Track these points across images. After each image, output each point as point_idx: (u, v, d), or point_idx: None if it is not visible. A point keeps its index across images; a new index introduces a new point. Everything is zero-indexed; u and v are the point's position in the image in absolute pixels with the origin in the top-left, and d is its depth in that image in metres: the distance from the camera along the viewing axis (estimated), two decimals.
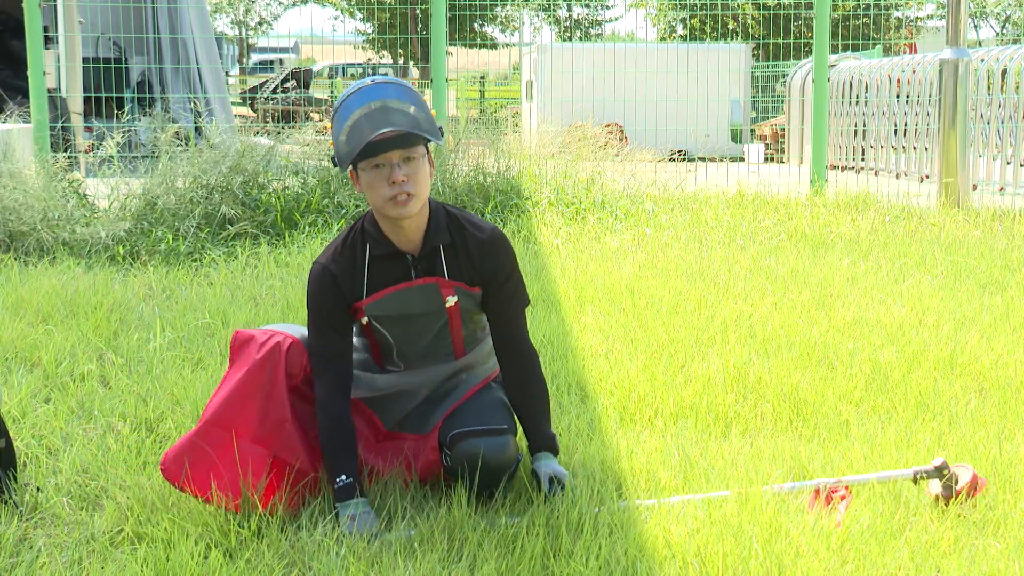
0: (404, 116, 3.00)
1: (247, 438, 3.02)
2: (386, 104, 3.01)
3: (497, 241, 3.19)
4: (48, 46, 10.42)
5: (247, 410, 3.03)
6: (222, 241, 7.07)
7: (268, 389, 3.05)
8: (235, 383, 3.05)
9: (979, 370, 4.37)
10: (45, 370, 4.38)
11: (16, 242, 6.80)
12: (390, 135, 2.98)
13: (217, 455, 2.98)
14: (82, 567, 2.78)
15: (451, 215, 3.19)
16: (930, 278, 6.12)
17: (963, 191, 9.24)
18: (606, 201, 8.57)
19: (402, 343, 3.22)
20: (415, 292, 3.15)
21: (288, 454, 3.06)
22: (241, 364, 3.08)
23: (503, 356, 3.22)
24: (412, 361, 3.24)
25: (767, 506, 2.97)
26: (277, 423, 3.05)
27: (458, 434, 3.09)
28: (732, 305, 5.42)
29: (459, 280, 3.16)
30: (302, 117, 17.16)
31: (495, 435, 3.07)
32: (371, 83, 3.05)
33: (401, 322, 3.18)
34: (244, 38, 47.89)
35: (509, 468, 3.08)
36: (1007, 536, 2.91)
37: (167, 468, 3.00)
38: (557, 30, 36.90)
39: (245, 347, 3.10)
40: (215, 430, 3.01)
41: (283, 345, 3.08)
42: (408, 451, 3.19)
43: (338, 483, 3.00)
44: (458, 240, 3.16)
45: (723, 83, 14.29)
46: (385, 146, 2.98)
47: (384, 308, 3.15)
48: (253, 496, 2.97)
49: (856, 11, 25.73)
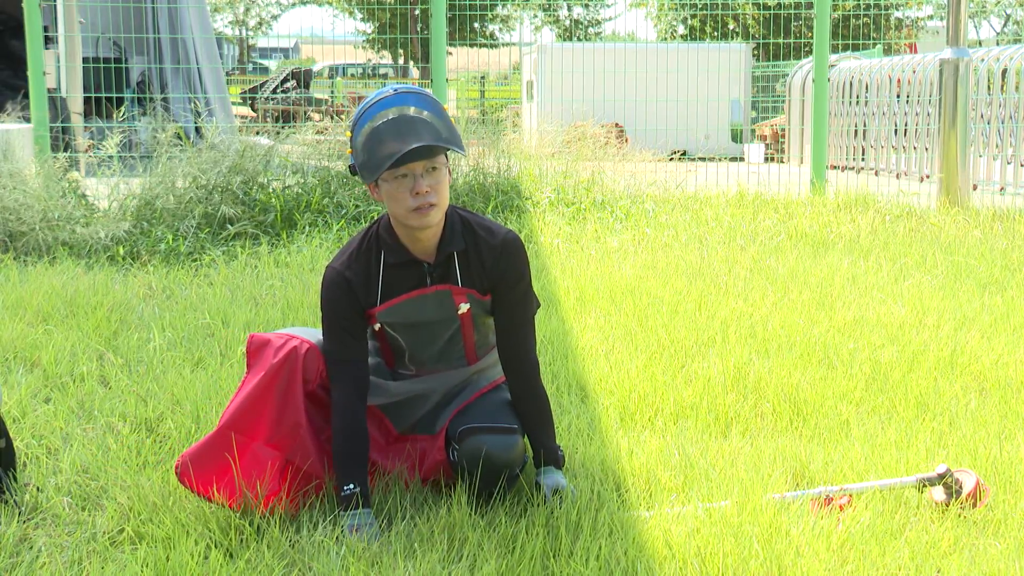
0: (426, 126, 2.97)
1: (261, 440, 3.03)
2: (407, 114, 2.97)
3: (509, 245, 3.15)
4: (48, 46, 10.43)
5: (263, 414, 3.04)
6: (222, 241, 7.07)
7: (284, 393, 3.05)
8: (252, 387, 3.05)
9: (979, 370, 4.37)
10: (45, 370, 4.38)
11: (16, 242, 6.80)
12: (415, 147, 2.94)
13: (233, 458, 2.99)
14: (82, 567, 2.78)
15: (465, 220, 3.17)
16: (930, 278, 6.12)
17: (963, 191, 9.24)
18: (606, 201, 8.57)
19: (414, 348, 3.21)
20: (428, 299, 3.14)
21: (302, 459, 3.06)
22: (258, 369, 3.07)
23: (508, 364, 3.20)
24: (424, 366, 3.24)
25: (767, 507, 2.97)
26: (292, 427, 3.05)
27: (467, 429, 3.08)
28: (732, 305, 5.42)
29: (471, 287, 3.14)
30: (302, 117, 17.15)
31: (504, 433, 3.07)
32: (393, 92, 3.02)
33: (413, 329, 3.17)
34: (244, 38, 47.88)
35: (515, 467, 3.07)
36: (1007, 536, 2.91)
37: (183, 472, 3.00)
38: (557, 30, 36.90)
39: (262, 351, 3.09)
40: (232, 433, 3.02)
41: (300, 350, 3.07)
42: (415, 451, 3.19)
43: (344, 491, 2.99)
44: (471, 246, 3.14)
45: (723, 83, 14.29)
46: (410, 157, 2.95)
47: (397, 315, 3.14)
48: (272, 500, 2.98)
49: (856, 11, 25.73)
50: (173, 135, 7.78)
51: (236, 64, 43.58)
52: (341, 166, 8.09)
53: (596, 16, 37.49)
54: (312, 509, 3.03)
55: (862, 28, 27.96)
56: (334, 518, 2.96)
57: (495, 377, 3.30)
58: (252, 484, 2.98)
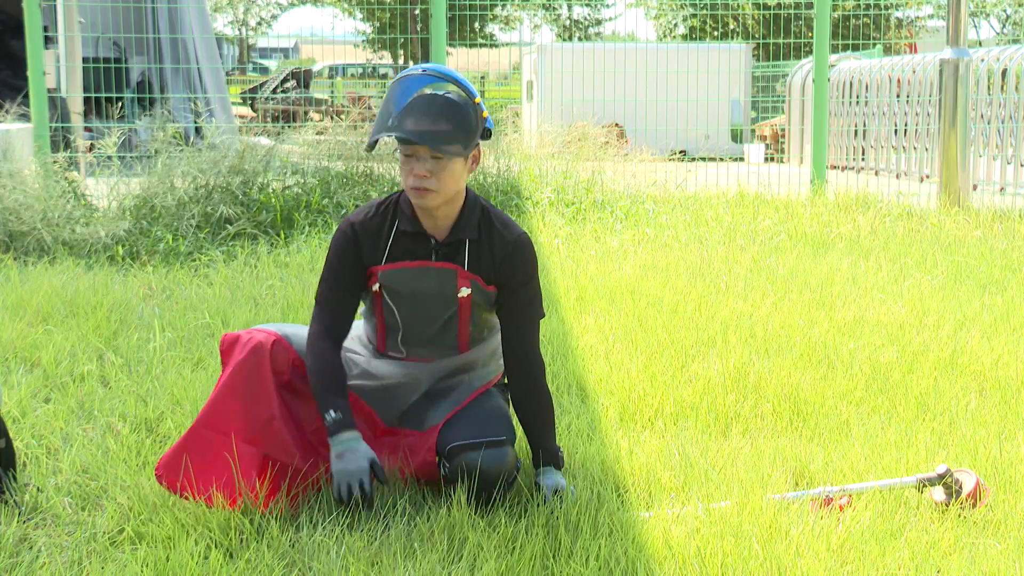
0: (443, 110, 3.02)
1: (239, 438, 3.03)
2: (437, 103, 3.03)
3: (522, 245, 3.19)
4: (48, 46, 10.42)
5: (233, 410, 3.05)
6: (221, 241, 7.07)
7: (253, 388, 3.06)
8: (220, 385, 3.09)
9: (979, 370, 4.37)
10: (45, 370, 4.38)
11: (16, 242, 6.80)
12: (415, 135, 3.00)
13: (208, 457, 3.01)
14: (82, 567, 2.78)
15: (485, 211, 3.22)
16: (930, 278, 6.12)
17: (963, 191, 9.24)
18: (606, 201, 8.57)
19: (408, 325, 3.22)
20: (432, 273, 3.16)
21: (279, 452, 3.06)
22: (227, 366, 3.11)
23: (511, 364, 3.21)
24: (414, 348, 3.24)
25: (767, 507, 2.97)
26: (264, 422, 3.06)
27: (456, 447, 3.07)
28: (732, 305, 5.42)
29: (477, 274, 3.17)
30: (302, 117, 17.15)
31: (493, 447, 3.06)
32: (421, 72, 3.09)
33: (411, 301, 3.19)
34: (244, 38, 47.88)
35: (508, 477, 3.07)
36: (1007, 536, 2.91)
37: (161, 475, 3.05)
38: (557, 30, 36.89)
39: (232, 349, 3.13)
40: (205, 432, 3.05)
41: (266, 344, 3.09)
42: (405, 447, 3.19)
43: (328, 419, 3.04)
44: (484, 237, 3.18)
45: (723, 83, 14.29)
46: (414, 139, 3.02)
47: (399, 281, 3.17)
48: (252, 495, 2.98)
49: (856, 11, 25.73)
50: (174, 135, 7.79)
51: (236, 64, 43.60)
52: (341, 166, 8.09)
53: (596, 16, 37.48)
54: (312, 509, 3.03)
55: (862, 28, 27.96)
56: (334, 517, 2.96)
57: (487, 378, 3.29)
58: (231, 481, 2.99)
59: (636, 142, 11.75)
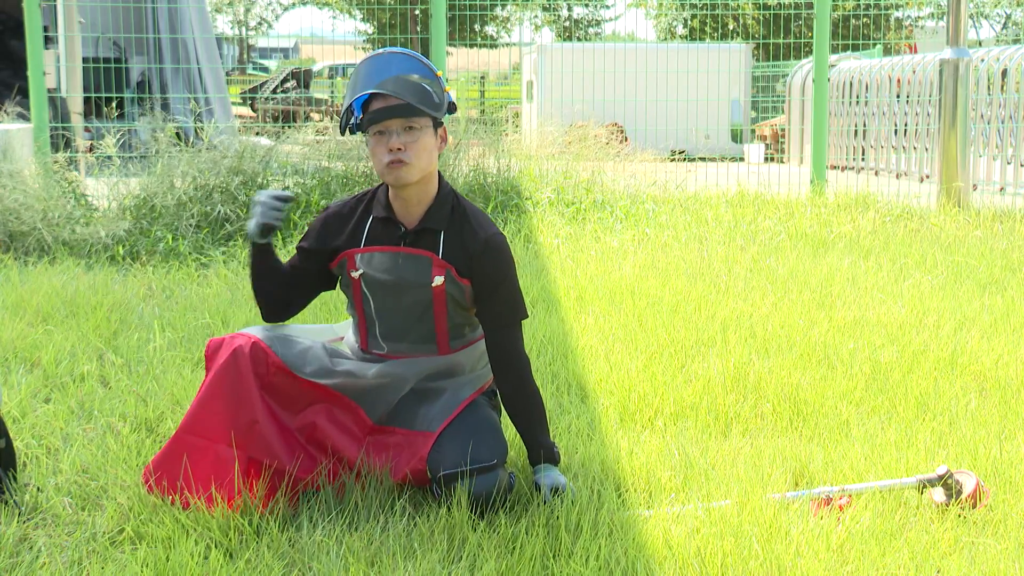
0: (406, 85, 3.09)
1: (223, 443, 3.03)
2: (389, 67, 3.12)
3: (492, 244, 3.19)
4: (48, 46, 10.42)
5: (215, 415, 3.05)
6: (221, 241, 7.07)
7: (234, 392, 3.06)
8: (203, 390, 3.09)
9: (979, 370, 4.37)
10: (45, 370, 4.38)
11: (16, 242, 6.80)
12: (393, 103, 3.07)
13: (192, 462, 3.01)
14: (82, 567, 2.78)
15: (459, 205, 3.23)
16: (930, 278, 6.12)
17: (963, 191, 9.24)
18: (606, 201, 8.57)
19: (384, 317, 3.22)
20: (407, 260, 3.19)
21: (263, 454, 3.06)
22: (210, 371, 3.11)
23: (496, 366, 3.21)
24: (394, 343, 3.24)
25: (767, 506, 2.97)
26: (248, 425, 3.05)
27: (447, 476, 3.05)
28: (732, 305, 5.42)
29: (451, 263, 3.18)
30: (302, 117, 17.15)
31: (484, 472, 3.04)
32: (382, 52, 3.17)
33: (386, 290, 3.20)
34: (244, 38, 47.88)
35: (503, 495, 3.06)
36: (1007, 536, 2.91)
37: (147, 480, 3.06)
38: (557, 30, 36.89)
39: (216, 354, 3.13)
40: (188, 437, 3.05)
41: (245, 347, 3.08)
42: (394, 446, 3.17)
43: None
44: (455, 228, 3.20)
45: (723, 83, 14.30)
46: (385, 114, 3.08)
47: (376, 266, 3.20)
48: (239, 499, 2.98)
49: (856, 11, 25.72)
50: (174, 135, 7.79)
51: (236, 64, 43.57)
52: (341, 167, 8.09)
53: (596, 16, 37.48)
54: (312, 509, 3.03)
55: (862, 28, 27.97)
56: (334, 517, 2.96)
57: (476, 383, 3.29)
58: (218, 486, 2.99)
59: (636, 142, 11.75)
